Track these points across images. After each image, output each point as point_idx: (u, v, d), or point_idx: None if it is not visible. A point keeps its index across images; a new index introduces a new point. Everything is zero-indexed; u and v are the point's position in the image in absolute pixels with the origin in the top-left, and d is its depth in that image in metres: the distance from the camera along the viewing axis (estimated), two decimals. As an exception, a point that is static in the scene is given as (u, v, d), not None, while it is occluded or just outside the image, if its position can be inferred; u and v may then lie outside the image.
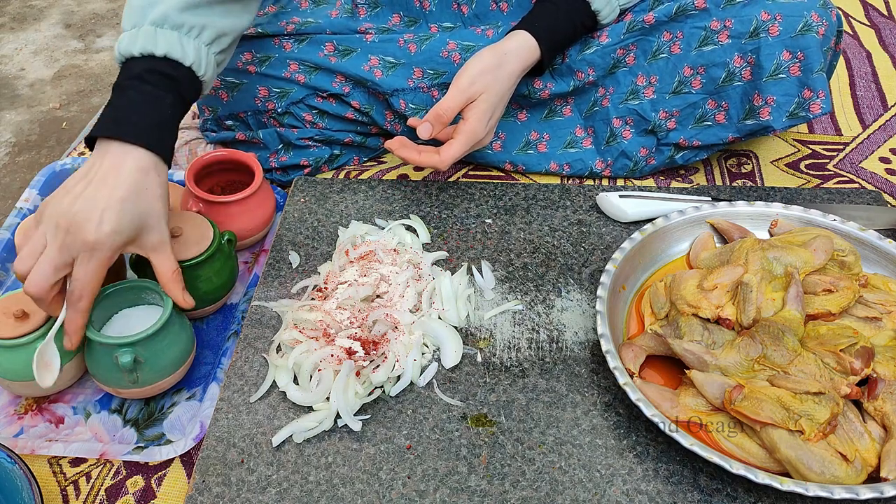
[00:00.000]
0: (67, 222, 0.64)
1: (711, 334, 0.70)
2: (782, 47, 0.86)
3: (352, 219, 0.91)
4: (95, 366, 0.72)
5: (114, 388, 0.72)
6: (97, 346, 0.70)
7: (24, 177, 1.26)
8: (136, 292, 0.75)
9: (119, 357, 0.68)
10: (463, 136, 0.82)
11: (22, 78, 1.49)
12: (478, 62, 0.82)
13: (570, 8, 0.88)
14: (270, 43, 0.96)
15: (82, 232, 0.64)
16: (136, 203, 0.66)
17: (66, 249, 0.64)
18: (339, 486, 0.66)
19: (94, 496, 0.70)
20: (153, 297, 0.75)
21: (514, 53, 0.84)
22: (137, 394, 0.73)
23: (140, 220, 0.67)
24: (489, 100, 0.82)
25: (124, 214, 0.65)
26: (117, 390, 0.73)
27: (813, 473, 0.59)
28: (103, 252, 0.65)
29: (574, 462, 0.67)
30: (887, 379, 0.65)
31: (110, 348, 0.69)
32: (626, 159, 0.98)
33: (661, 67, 0.93)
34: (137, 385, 0.71)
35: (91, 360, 0.72)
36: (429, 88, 0.96)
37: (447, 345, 0.75)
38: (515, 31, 0.86)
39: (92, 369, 0.73)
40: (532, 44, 0.85)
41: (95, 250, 0.65)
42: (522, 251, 0.87)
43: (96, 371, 0.72)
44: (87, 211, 0.64)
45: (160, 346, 0.71)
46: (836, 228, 0.80)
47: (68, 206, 0.65)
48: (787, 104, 0.88)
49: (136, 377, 0.70)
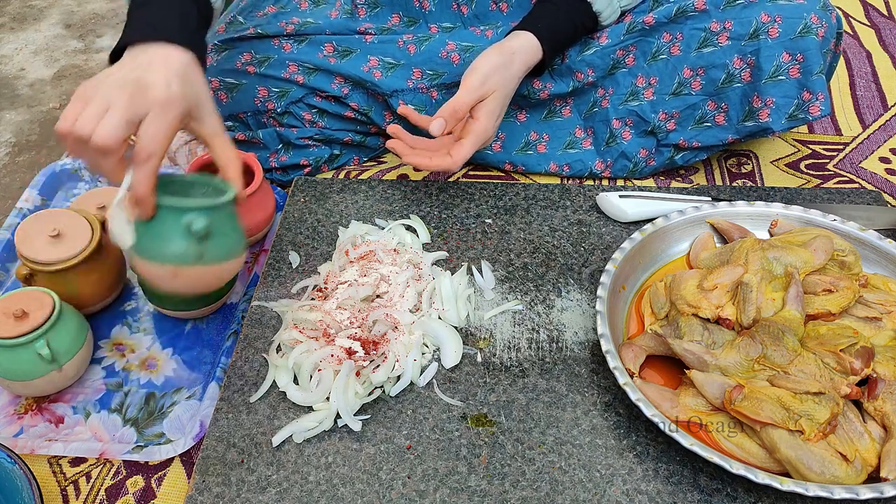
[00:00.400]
0: (134, 85, 0.61)
1: (711, 334, 0.70)
2: (782, 49, 0.86)
3: (352, 219, 0.91)
4: (157, 241, 0.63)
5: (172, 266, 0.63)
6: (165, 214, 0.63)
7: (24, 177, 1.26)
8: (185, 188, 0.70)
9: (193, 222, 0.62)
10: (473, 135, 0.82)
11: (22, 78, 1.49)
12: (486, 61, 0.82)
13: (572, 9, 0.88)
14: (270, 43, 0.96)
15: (152, 90, 0.61)
16: (190, 83, 0.64)
17: (136, 106, 0.61)
18: (339, 486, 0.66)
19: (94, 496, 0.70)
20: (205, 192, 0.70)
21: (520, 53, 0.84)
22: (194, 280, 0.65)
23: (196, 100, 0.65)
24: (498, 98, 0.82)
25: (186, 84, 0.63)
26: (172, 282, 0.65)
27: (813, 473, 0.59)
28: (174, 111, 0.62)
29: (574, 462, 0.67)
30: (887, 379, 0.65)
31: (181, 213, 0.62)
32: (626, 160, 0.98)
33: (660, 69, 0.93)
34: (202, 262, 0.64)
35: (150, 239, 0.63)
36: (428, 89, 0.96)
37: (447, 345, 0.75)
38: (518, 30, 0.86)
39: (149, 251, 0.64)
40: (535, 44, 0.85)
41: (167, 108, 0.61)
42: (522, 251, 0.87)
43: (157, 249, 0.63)
44: (153, 76, 0.62)
45: (227, 223, 0.66)
46: (836, 228, 0.80)
47: (127, 74, 0.62)
48: (786, 106, 0.88)
49: (204, 251, 0.64)
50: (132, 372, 0.80)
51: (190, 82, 0.64)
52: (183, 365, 0.81)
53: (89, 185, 1.02)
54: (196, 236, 0.63)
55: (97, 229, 0.81)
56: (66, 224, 0.80)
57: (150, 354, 0.82)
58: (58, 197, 1.00)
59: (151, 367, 0.80)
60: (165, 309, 0.83)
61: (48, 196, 0.99)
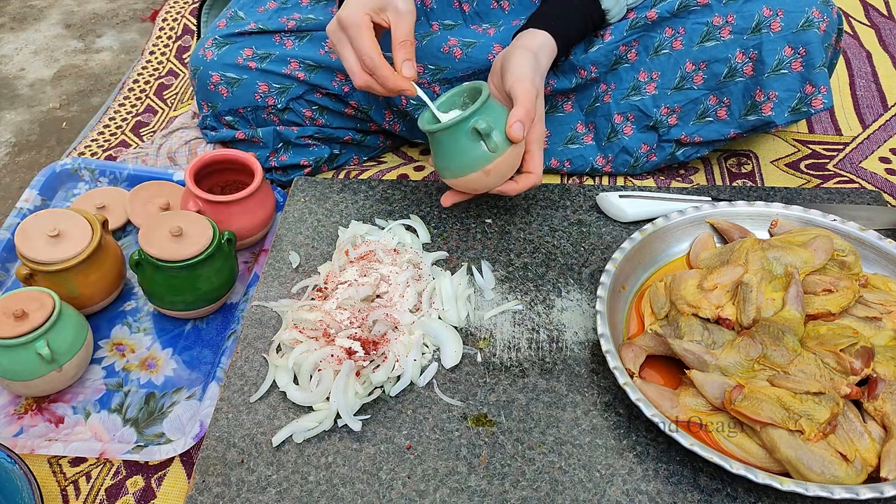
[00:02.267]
0: (329, 31, 0.77)
1: (711, 334, 0.70)
2: (784, 43, 0.86)
3: (352, 219, 0.91)
4: (459, 156, 0.76)
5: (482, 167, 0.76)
6: (451, 132, 0.75)
7: (24, 177, 1.26)
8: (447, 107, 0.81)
9: (476, 125, 0.74)
10: (537, 143, 0.81)
11: (22, 78, 1.49)
12: (522, 64, 0.80)
13: (583, 6, 0.87)
14: (271, 39, 0.96)
15: (335, 21, 0.76)
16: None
17: (342, 43, 0.76)
18: (339, 486, 0.66)
19: (94, 496, 0.70)
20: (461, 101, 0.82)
21: (542, 53, 0.83)
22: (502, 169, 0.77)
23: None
24: (541, 99, 0.82)
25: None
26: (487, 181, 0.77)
27: (813, 473, 0.59)
28: (355, 20, 0.74)
29: (574, 462, 0.67)
30: (887, 379, 0.65)
31: (463, 123, 0.74)
32: (627, 155, 0.98)
33: (662, 63, 0.93)
34: (499, 152, 0.75)
35: (453, 157, 0.77)
36: (430, 84, 0.96)
37: (447, 345, 0.75)
38: (533, 29, 0.84)
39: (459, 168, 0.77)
40: (552, 43, 0.84)
41: (348, 25, 0.75)
42: (522, 251, 0.87)
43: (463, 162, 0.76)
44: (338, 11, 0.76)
45: (498, 112, 0.76)
46: (836, 228, 0.80)
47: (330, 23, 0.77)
48: (789, 99, 0.88)
49: (497, 143, 0.75)
50: (132, 372, 0.80)
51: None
52: (183, 365, 0.81)
53: (89, 185, 1.02)
54: (485, 134, 0.74)
55: (97, 229, 0.81)
56: (66, 224, 0.80)
57: (150, 354, 0.82)
58: (58, 197, 1.00)
59: (151, 367, 0.81)
60: (165, 309, 0.83)
61: (48, 196, 0.99)
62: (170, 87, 1.29)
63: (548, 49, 0.84)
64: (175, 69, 1.33)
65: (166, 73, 1.32)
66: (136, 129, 1.19)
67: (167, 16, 1.43)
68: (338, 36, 0.77)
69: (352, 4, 0.75)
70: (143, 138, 1.17)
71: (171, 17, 1.43)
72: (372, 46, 0.74)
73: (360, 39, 0.74)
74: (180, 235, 0.79)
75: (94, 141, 1.16)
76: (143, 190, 0.96)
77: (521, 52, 0.81)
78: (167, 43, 1.38)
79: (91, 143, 1.15)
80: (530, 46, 0.82)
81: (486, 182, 0.78)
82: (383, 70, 0.75)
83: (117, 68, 1.49)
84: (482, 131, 0.74)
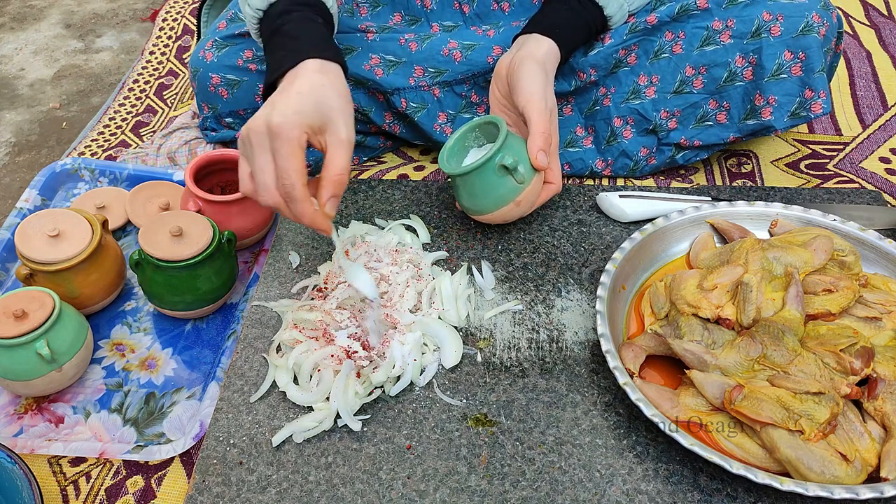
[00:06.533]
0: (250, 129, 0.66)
1: (711, 334, 0.70)
2: (784, 47, 0.86)
3: (352, 219, 0.91)
4: (489, 193, 0.79)
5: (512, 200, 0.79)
6: (478, 170, 0.78)
7: (24, 177, 1.26)
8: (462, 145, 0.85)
9: (503, 162, 0.76)
10: (553, 156, 0.82)
11: (22, 78, 1.49)
12: (533, 79, 0.79)
13: (586, 12, 0.87)
14: (270, 42, 0.96)
15: (263, 123, 0.65)
16: (314, 95, 0.67)
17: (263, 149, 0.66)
18: (339, 486, 0.66)
19: (94, 496, 0.70)
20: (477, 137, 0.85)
21: (548, 61, 0.83)
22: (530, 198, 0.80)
23: (323, 109, 0.67)
24: (555, 115, 0.82)
25: (303, 99, 0.66)
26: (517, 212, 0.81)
27: (813, 473, 0.59)
28: (289, 133, 0.64)
29: (574, 462, 0.67)
30: (887, 379, 0.65)
31: (489, 161, 0.77)
32: (627, 159, 0.98)
33: (662, 67, 0.93)
34: (527, 182, 0.78)
35: (483, 196, 0.79)
36: (430, 87, 0.96)
37: (447, 345, 0.75)
38: (537, 35, 0.84)
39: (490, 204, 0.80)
40: (557, 52, 0.84)
41: (279, 135, 0.64)
42: (522, 251, 0.87)
43: (493, 198, 0.79)
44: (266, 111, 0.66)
45: (518, 144, 0.78)
46: (836, 228, 0.80)
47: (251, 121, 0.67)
48: (788, 104, 0.88)
49: (524, 174, 0.77)
50: (132, 372, 0.80)
51: (312, 95, 0.67)
52: (183, 365, 0.81)
53: (89, 185, 1.02)
54: (512, 168, 0.76)
55: (97, 229, 0.81)
56: (66, 224, 0.80)
57: (150, 354, 0.82)
58: (58, 197, 1.00)
59: (151, 367, 0.81)
60: (165, 309, 0.83)
61: (48, 196, 0.99)
62: (170, 87, 1.29)
63: (553, 57, 0.84)
64: (175, 69, 1.33)
65: (166, 73, 1.32)
66: (136, 129, 1.19)
67: (167, 16, 1.43)
68: (260, 140, 0.65)
69: (287, 112, 0.65)
70: (143, 138, 1.17)
71: (171, 17, 1.43)
72: (298, 171, 0.65)
73: (288, 159, 0.65)
74: (180, 235, 0.79)
75: (94, 141, 1.16)
76: (143, 190, 0.96)
77: (531, 66, 0.80)
78: (167, 43, 1.38)
79: (91, 143, 1.15)
80: (537, 57, 0.82)
81: (518, 211, 0.81)
82: (304, 204, 0.66)
83: (117, 68, 1.49)
84: (509, 167, 0.76)
